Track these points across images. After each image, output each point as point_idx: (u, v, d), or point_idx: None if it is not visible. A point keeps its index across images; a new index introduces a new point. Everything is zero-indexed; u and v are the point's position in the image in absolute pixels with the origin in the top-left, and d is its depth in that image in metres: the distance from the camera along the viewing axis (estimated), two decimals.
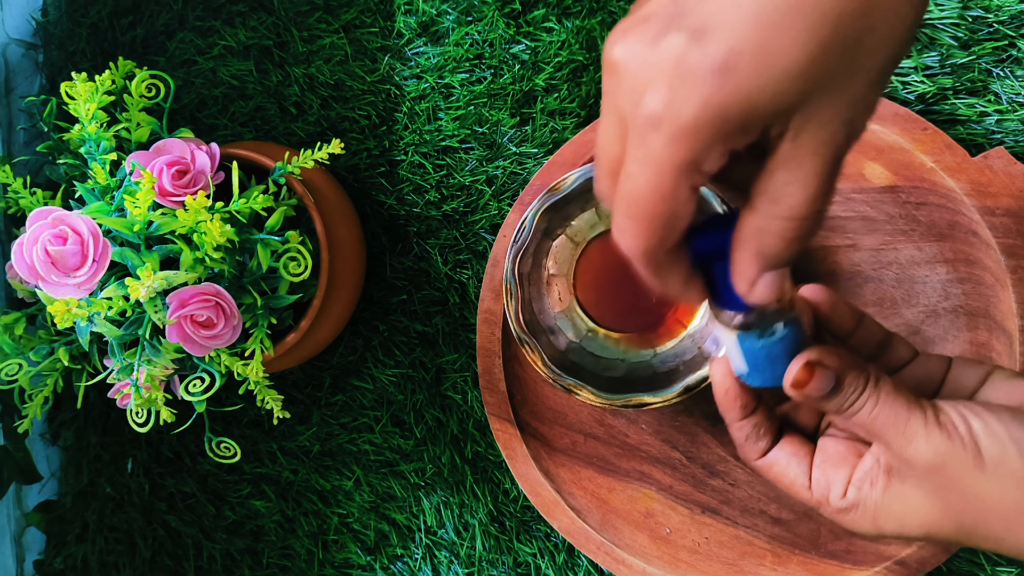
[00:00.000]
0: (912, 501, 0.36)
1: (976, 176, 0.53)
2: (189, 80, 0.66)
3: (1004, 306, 0.53)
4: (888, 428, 0.35)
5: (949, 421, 0.35)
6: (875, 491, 0.36)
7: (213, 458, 0.54)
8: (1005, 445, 0.34)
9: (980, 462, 0.34)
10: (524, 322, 0.52)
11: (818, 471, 0.39)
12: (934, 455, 0.34)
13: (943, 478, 0.34)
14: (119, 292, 0.46)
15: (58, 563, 0.68)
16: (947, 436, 0.34)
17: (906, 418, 0.35)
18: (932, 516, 0.35)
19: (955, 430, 0.35)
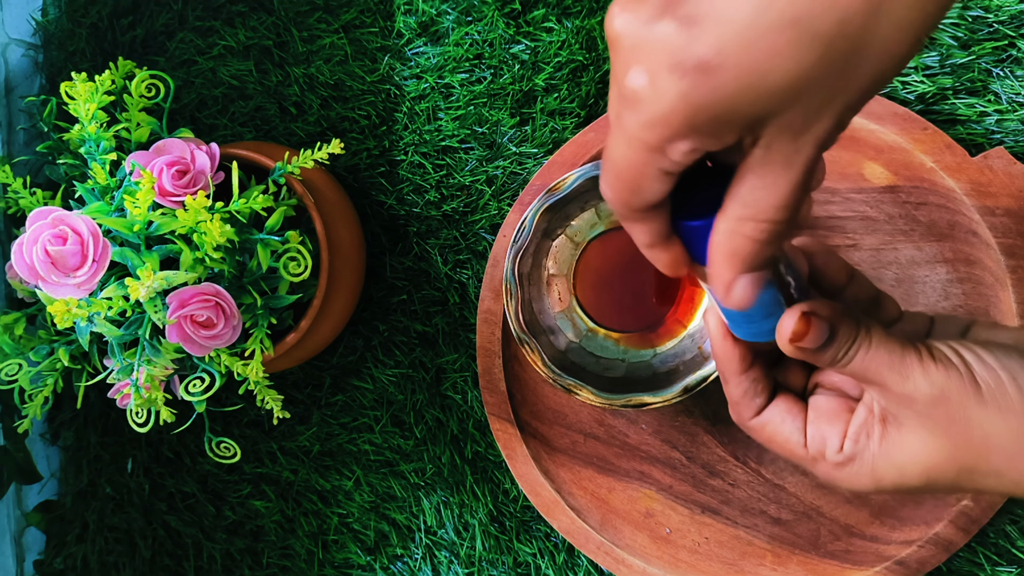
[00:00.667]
0: (912, 445, 0.35)
1: (976, 176, 0.53)
2: (189, 80, 0.66)
3: (1004, 306, 0.53)
4: (884, 369, 0.35)
5: (943, 355, 0.35)
6: (872, 441, 0.36)
7: (213, 458, 0.54)
8: (999, 375, 0.34)
9: (979, 392, 0.34)
10: (524, 322, 0.52)
11: (812, 427, 0.38)
12: (933, 388, 0.34)
13: (945, 411, 0.34)
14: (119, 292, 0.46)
15: (58, 563, 0.68)
16: (944, 368, 0.34)
17: (901, 357, 0.35)
18: (934, 457, 0.35)
19: (951, 363, 0.34)
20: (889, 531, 0.54)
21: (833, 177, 0.55)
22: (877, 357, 0.35)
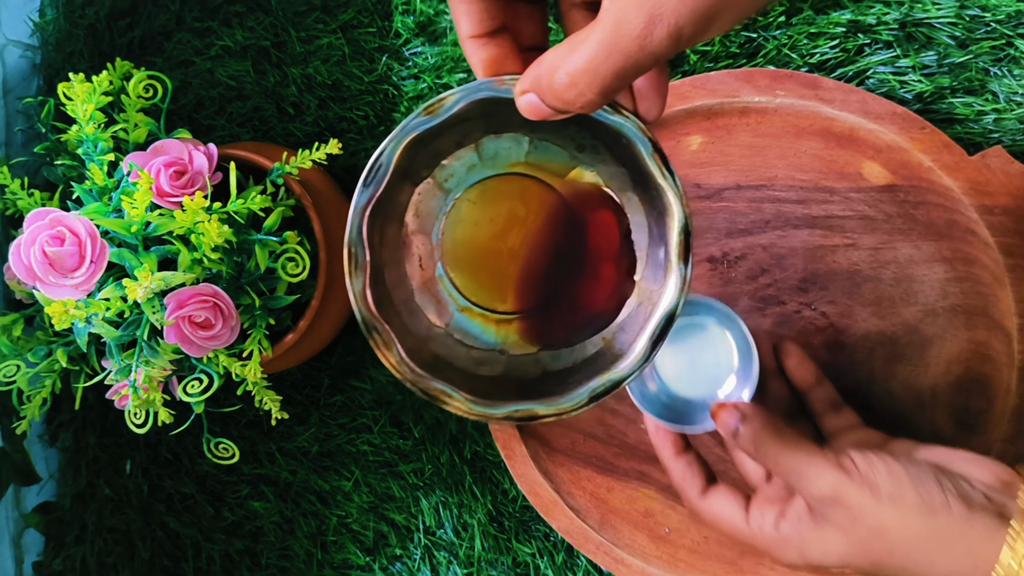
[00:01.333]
0: (828, 537, 0.40)
1: (974, 175, 0.53)
2: (187, 81, 0.66)
3: (1002, 305, 0.53)
4: (792, 469, 0.40)
5: (849, 462, 0.40)
6: (803, 526, 0.40)
7: (211, 459, 0.54)
8: (902, 480, 0.38)
9: (878, 494, 0.38)
10: (374, 301, 0.38)
11: (755, 507, 0.43)
12: (830, 490, 0.39)
13: (845, 511, 0.39)
14: (117, 293, 0.46)
15: (57, 565, 0.68)
16: (844, 473, 0.39)
17: (807, 460, 0.40)
18: (846, 550, 0.39)
19: (854, 468, 0.39)
20: None
21: (832, 176, 0.55)
22: (787, 459, 0.41)
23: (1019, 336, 0.52)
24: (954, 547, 0.37)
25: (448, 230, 0.42)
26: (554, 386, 0.40)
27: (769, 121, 0.56)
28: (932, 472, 0.39)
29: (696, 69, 0.58)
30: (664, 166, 0.36)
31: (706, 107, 0.56)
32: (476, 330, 0.42)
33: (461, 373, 0.40)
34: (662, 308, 0.38)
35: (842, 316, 0.55)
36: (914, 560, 0.38)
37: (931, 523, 0.37)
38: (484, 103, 0.35)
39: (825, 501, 0.39)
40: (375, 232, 0.38)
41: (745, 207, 0.56)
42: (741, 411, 0.44)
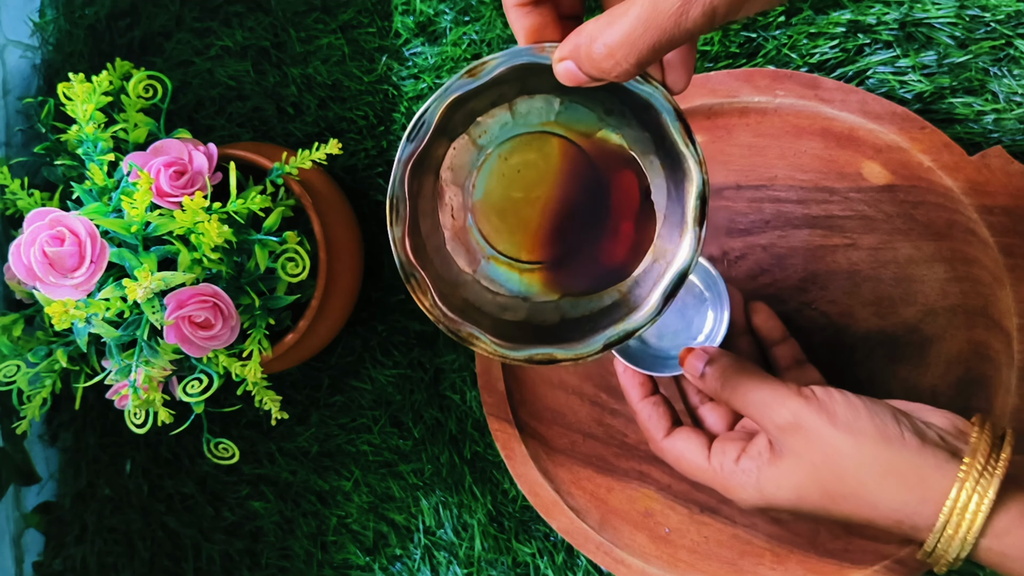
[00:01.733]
0: (786, 466, 0.41)
1: (974, 175, 0.53)
2: (186, 81, 0.66)
3: (1002, 305, 0.53)
4: (758, 403, 0.42)
5: (810, 391, 0.41)
6: (762, 460, 0.42)
7: (211, 459, 0.54)
8: (859, 411, 0.40)
9: (835, 420, 0.39)
10: (411, 249, 0.41)
11: (717, 446, 0.44)
12: (791, 415, 0.40)
13: (803, 437, 0.40)
14: (117, 293, 0.46)
15: (57, 564, 0.68)
16: (804, 400, 0.40)
17: (773, 394, 0.41)
18: (799, 477, 0.40)
19: (813, 397, 0.41)
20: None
21: (831, 176, 0.55)
22: (752, 393, 0.42)
23: (1019, 336, 0.52)
24: (906, 476, 0.38)
25: (479, 182, 0.44)
26: (572, 332, 0.43)
27: (769, 121, 0.56)
28: (889, 409, 0.40)
29: (696, 69, 0.58)
30: (687, 134, 0.38)
31: (706, 107, 0.56)
32: (502, 277, 0.45)
33: (488, 318, 0.43)
34: (676, 266, 0.41)
35: (842, 316, 0.55)
36: (865, 486, 0.38)
37: (885, 451, 0.38)
38: (523, 68, 0.37)
39: (785, 428, 0.40)
40: (414, 183, 0.41)
41: (745, 207, 0.56)
42: (708, 354, 0.46)
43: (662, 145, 0.41)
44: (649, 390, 0.49)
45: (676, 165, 0.40)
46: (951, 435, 0.40)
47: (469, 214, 0.44)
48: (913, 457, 0.38)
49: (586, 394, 0.58)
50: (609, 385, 0.58)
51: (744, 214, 0.56)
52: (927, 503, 0.37)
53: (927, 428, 0.40)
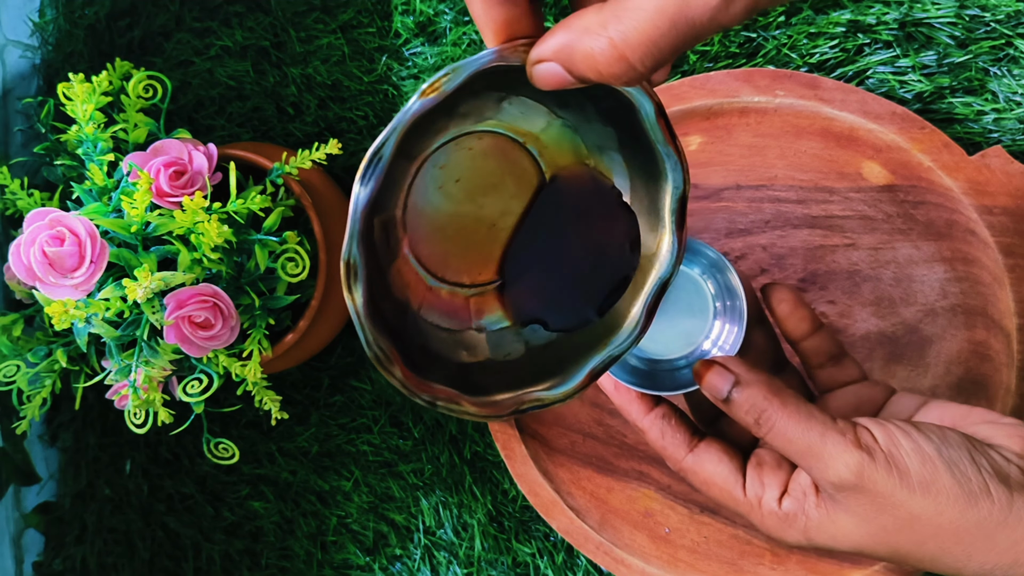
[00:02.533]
0: (843, 524, 0.34)
1: (974, 175, 0.53)
2: (186, 81, 0.66)
3: (1002, 305, 0.53)
4: (804, 453, 0.35)
5: (869, 438, 0.34)
6: (808, 505, 0.35)
7: (211, 459, 0.54)
8: (935, 463, 0.33)
9: (908, 481, 0.33)
10: (379, 317, 0.33)
11: (752, 474, 0.37)
12: (853, 476, 0.33)
13: (869, 500, 0.33)
14: (117, 293, 0.46)
15: (57, 565, 0.68)
16: (867, 455, 0.33)
17: (821, 441, 0.34)
18: (864, 539, 0.34)
19: (877, 448, 0.34)
20: None
21: (831, 176, 0.55)
22: (797, 438, 0.35)
23: (1018, 336, 0.52)
24: (996, 539, 0.33)
25: (411, 200, 0.36)
26: (545, 364, 0.36)
27: (769, 121, 0.56)
28: (965, 449, 0.34)
29: (695, 69, 0.58)
30: (668, 132, 0.33)
31: (705, 107, 0.56)
32: (449, 309, 0.38)
33: (451, 365, 0.36)
34: (654, 275, 0.36)
35: (842, 316, 0.55)
36: (948, 553, 0.33)
37: (971, 513, 0.32)
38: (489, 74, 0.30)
39: (843, 487, 0.34)
40: (375, 232, 0.34)
41: (745, 207, 0.56)
42: (734, 373, 0.37)
43: (629, 142, 0.35)
44: (651, 402, 0.40)
45: (648, 164, 0.35)
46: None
47: (404, 240, 0.36)
48: (1003, 514, 0.32)
49: (586, 395, 0.58)
50: None
51: (744, 214, 0.56)
52: (1021, 566, 0.33)
53: (1006, 463, 0.34)
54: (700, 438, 0.39)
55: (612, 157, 0.36)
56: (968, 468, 0.33)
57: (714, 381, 0.37)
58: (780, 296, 0.43)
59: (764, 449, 0.39)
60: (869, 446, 0.34)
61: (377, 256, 0.34)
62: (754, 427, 0.36)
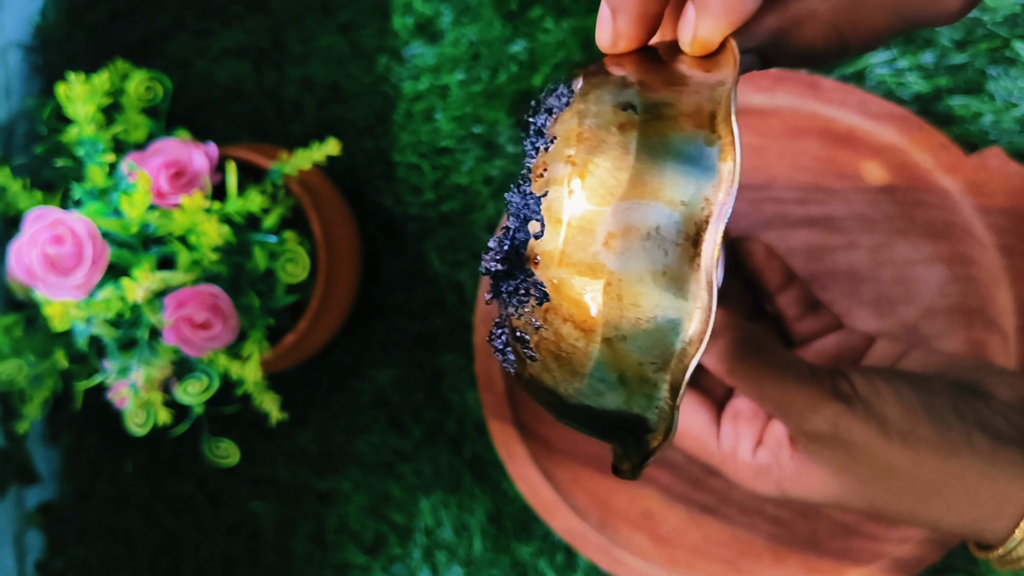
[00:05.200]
0: (817, 474, 0.33)
1: (972, 175, 0.53)
2: (186, 81, 0.66)
3: (1000, 305, 0.53)
4: (779, 403, 0.33)
5: (847, 388, 0.32)
6: (783, 455, 0.34)
7: (210, 460, 0.54)
8: (916, 411, 0.31)
9: (887, 430, 0.31)
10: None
11: (727, 424, 0.36)
12: (829, 426, 0.32)
13: (844, 450, 0.32)
14: (116, 294, 0.47)
15: (58, 564, 0.68)
16: (844, 404, 0.32)
17: (796, 390, 0.32)
18: (837, 490, 0.33)
19: (855, 397, 0.32)
20: (886, 529, 0.54)
21: (830, 177, 0.55)
22: (772, 387, 0.33)
23: (1016, 336, 0.52)
24: (976, 491, 0.31)
25: None
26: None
27: (768, 121, 0.56)
28: (949, 396, 0.32)
29: None
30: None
31: None
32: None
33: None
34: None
35: (841, 316, 0.55)
36: (926, 505, 0.32)
37: (951, 464, 0.31)
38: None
39: (820, 438, 0.32)
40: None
41: (745, 207, 0.56)
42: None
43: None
44: None
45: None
46: (1019, 411, 0.33)
47: None
48: (985, 467, 0.31)
49: None
50: None
51: (743, 214, 0.56)
52: (1001, 518, 0.31)
53: (991, 413, 0.32)
54: None
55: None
56: (950, 417, 0.32)
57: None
58: (751, 248, 0.41)
59: (739, 399, 0.37)
60: (846, 395, 0.32)
61: None
62: (727, 377, 0.34)
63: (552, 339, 0.25)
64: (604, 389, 0.25)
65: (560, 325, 0.25)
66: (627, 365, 0.25)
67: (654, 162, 0.23)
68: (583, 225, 0.24)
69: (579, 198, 0.24)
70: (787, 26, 0.27)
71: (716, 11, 0.25)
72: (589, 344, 0.25)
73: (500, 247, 0.26)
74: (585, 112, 0.25)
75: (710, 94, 0.24)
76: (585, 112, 0.25)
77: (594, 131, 0.24)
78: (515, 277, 0.26)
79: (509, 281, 0.26)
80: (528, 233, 0.25)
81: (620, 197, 0.23)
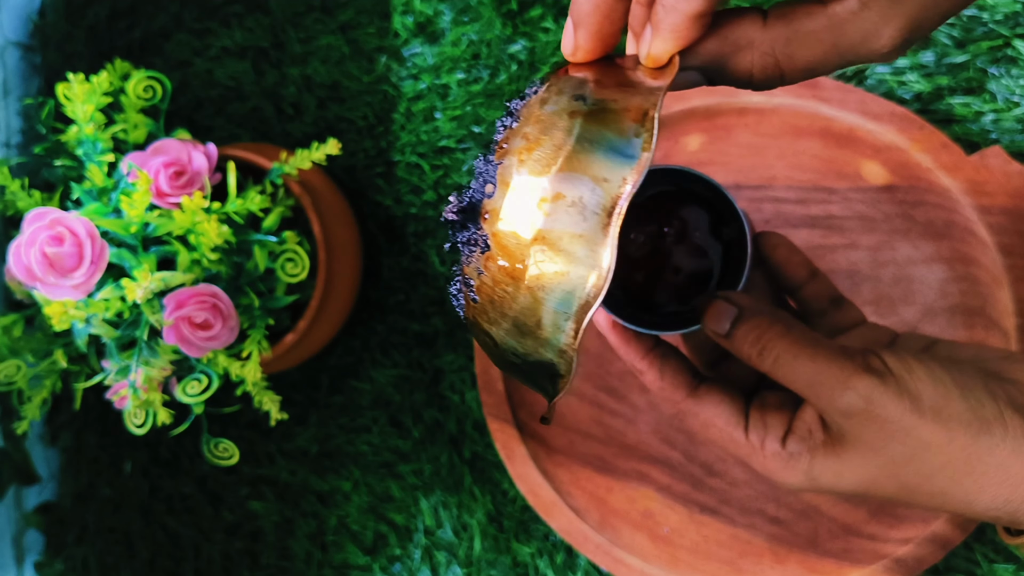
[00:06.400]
0: (848, 459, 0.33)
1: (972, 175, 0.53)
2: (186, 81, 0.66)
3: (1001, 304, 0.53)
4: (812, 382, 0.33)
5: (880, 364, 0.32)
6: (814, 442, 0.34)
7: (210, 460, 0.54)
8: (948, 388, 0.32)
9: (919, 406, 0.31)
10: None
11: (755, 415, 0.36)
12: (863, 401, 0.32)
13: (878, 427, 0.32)
14: (116, 293, 0.47)
15: (58, 564, 0.68)
16: (879, 380, 0.32)
17: (829, 368, 0.32)
18: (868, 473, 0.33)
19: (888, 372, 0.32)
20: (887, 529, 0.54)
21: (831, 176, 0.55)
22: (803, 366, 0.33)
23: (1017, 335, 0.52)
24: (1010, 469, 0.31)
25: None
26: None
27: (768, 121, 0.56)
28: (981, 378, 0.32)
29: None
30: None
31: (705, 107, 0.56)
32: None
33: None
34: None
35: None
36: (959, 485, 0.31)
37: (984, 441, 0.31)
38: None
39: (852, 415, 0.32)
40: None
41: (745, 207, 0.56)
42: (737, 304, 0.35)
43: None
44: (649, 343, 0.38)
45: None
46: None
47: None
48: (1019, 445, 0.31)
49: (586, 394, 0.58)
50: (609, 386, 0.58)
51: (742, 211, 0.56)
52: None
53: (1021, 395, 0.32)
54: (701, 380, 0.38)
55: None
56: (983, 396, 0.32)
57: (716, 314, 0.36)
58: (775, 242, 0.41)
59: (768, 391, 0.38)
60: (879, 370, 0.32)
61: None
62: (757, 359, 0.34)
63: (490, 284, 0.30)
64: (525, 332, 0.30)
65: (496, 272, 0.30)
66: (543, 312, 0.29)
67: (591, 145, 0.28)
68: (524, 189, 0.29)
69: (525, 168, 0.29)
70: (727, 51, 0.29)
71: (665, 34, 0.29)
72: (517, 291, 0.29)
73: (459, 201, 0.31)
74: (546, 100, 0.30)
75: (650, 97, 0.29)
76: (546, 100, 0.30)
77: (549, 116, 0.29)
78: (468, 229, 0.31)
79: (463, 232, 0.31)
80: (483, 193, 0.30)
81: (557, 170, 0.28)
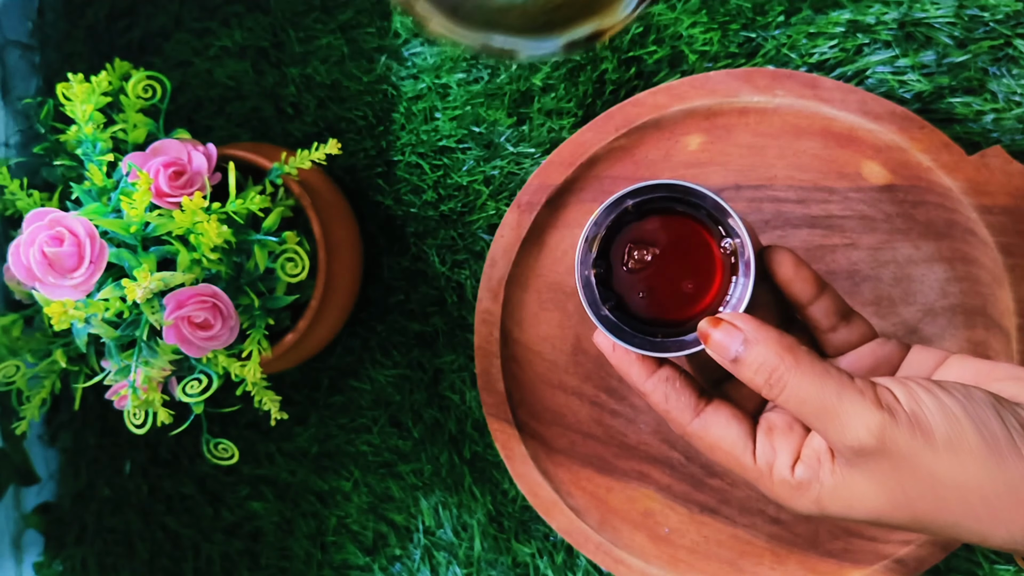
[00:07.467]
0: (860, 488, 0.32)
1: (973, 175, 0.53)
2: (185, 81, 0.66)
3: (1001, 304, 0.53)
4: (820, 414, 0.32)
5: (890, 397, 0.32)
6: (823, 471, 0.33)
7: (211, 460, 0.54)
8: (959, 420, 0.31)
9: (931, 440, 0.31)
10: None
11: (763, 439, 0.35)
12: (874, 439, 0.31)
13: (890, 463, 0.31)
14: (116, 293, 0.46)
15: (57, 565, 0.68)
16: (888, 414, 0.31)
17: (837, 400, 0.32)
18: (879, 505, 0.32)
19: (898, 407, 0.31)
20: (887, 530, 0.54)
21: (831, 176, 0.55)
22: (812, 397, 0.32)
23: (1018, 335, 0.52)
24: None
25: None
26: (535, 25, 0.36)
27: (768, 121, 0.56)
28: (991, 406, 0.32)
29: (695, 69, 0.58)
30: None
31: (705, 107, 0.56)
32: None
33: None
34: None
35: None
36: (974, 516, 0.31)
37: (997, 472, 0.30)
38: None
39: (864, 452, 0.31)
40: None
41: (745, 207, 0.56)
42: (743, 330, 0.34)
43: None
44: (653, 365, 0.37)
45: None
46: None
47: None
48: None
49: (586, 394, 0.58)
50: (609, 386, 0.58)
51: (744, 214, 0.56)
52: None
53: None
54: (708, 400, 0.37)
55: None
56: (995, 425, 0.31)
57: (721, 340, 0.34)
58: (779, 258, 0.39)
59: (774, 412, 0.37)
60: (891, 405, 0.31)
61: None
62: (764, 388, 0.34)
63: None
64: None
65: None
66: None
67: None
68: None
69: None
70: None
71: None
72: None
73: None
74: None
75: None
76: None
77: None
78: None
79: None
80: None
81: None
